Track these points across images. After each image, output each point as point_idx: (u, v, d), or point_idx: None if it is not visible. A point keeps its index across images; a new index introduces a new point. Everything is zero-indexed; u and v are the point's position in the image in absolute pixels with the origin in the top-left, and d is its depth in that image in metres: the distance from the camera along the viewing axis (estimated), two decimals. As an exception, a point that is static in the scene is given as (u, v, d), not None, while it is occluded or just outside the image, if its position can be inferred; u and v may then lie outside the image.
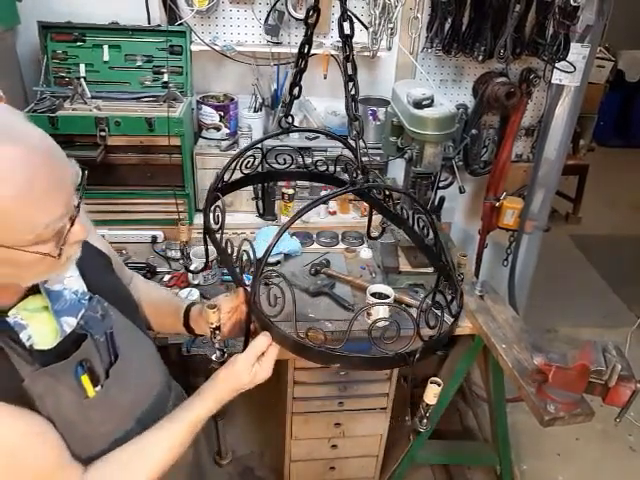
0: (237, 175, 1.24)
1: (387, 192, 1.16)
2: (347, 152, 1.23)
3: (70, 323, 0.85)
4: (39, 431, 0.79)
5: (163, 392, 1.08)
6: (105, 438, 0.91)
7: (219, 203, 1.03)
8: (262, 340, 0.95)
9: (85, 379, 0.84)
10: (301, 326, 0.97)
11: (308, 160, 1.30)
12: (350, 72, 0.98)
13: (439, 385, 0.86)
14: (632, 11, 4.55)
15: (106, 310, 0.93)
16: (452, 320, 0.94)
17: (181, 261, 1.89)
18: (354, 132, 0.98)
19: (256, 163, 1.24)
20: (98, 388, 0.87)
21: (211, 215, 1.03)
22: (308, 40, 1.06)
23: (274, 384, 1.04)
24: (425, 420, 0.90)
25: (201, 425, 0.97)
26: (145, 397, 1.01)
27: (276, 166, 1.32)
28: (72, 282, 0.89)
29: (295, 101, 1.16)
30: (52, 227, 0.72)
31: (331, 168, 1.31)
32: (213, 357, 1.04)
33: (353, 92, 0.99)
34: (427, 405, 0.88)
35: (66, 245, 0.76)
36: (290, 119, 1.18)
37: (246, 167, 1.23)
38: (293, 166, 1.31)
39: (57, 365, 0.81)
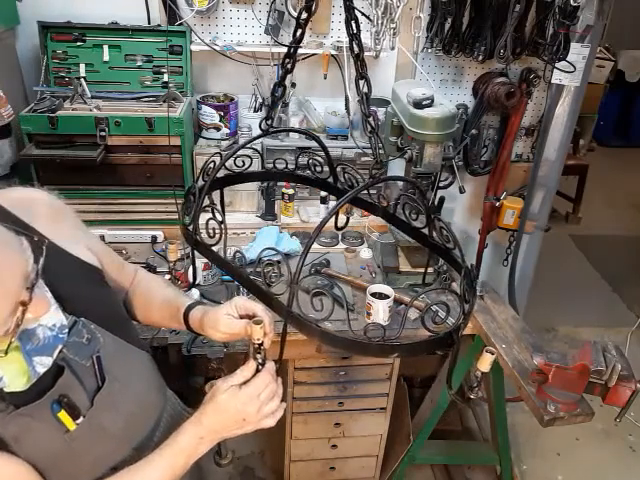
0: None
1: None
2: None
3: (44, 362, 0.78)
4: (11, 473, 0.76)
5: (160, 408, 1.04)
6: (93, 467, 0.88)
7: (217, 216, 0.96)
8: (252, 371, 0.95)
9: (63, 415, 0.81)
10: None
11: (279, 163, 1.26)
12: (361, 70, 0.99)
13: (492, 354, 0.91)
14: (632, 11, 4.57)
15: (92, 332, 0.87)
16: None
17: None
18: (369, 128, 0.98)
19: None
20: (80, 420, 0.83)
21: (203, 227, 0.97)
22: (298, 40, 1.05)
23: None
24: (477, 388, 0.93)
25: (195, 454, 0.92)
26: (141, 419, 0.98)
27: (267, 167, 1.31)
28: (47, 318, 0.78)
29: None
30: None
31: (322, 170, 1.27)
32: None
33: (365, 89, 0.99)
34: (482, 373, 0.93)
35: (19, 329, 0.70)
36: (270, 121, 1.16)
37: (237, 166, 1.20)
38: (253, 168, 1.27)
39: (30, 406, 0.78)
